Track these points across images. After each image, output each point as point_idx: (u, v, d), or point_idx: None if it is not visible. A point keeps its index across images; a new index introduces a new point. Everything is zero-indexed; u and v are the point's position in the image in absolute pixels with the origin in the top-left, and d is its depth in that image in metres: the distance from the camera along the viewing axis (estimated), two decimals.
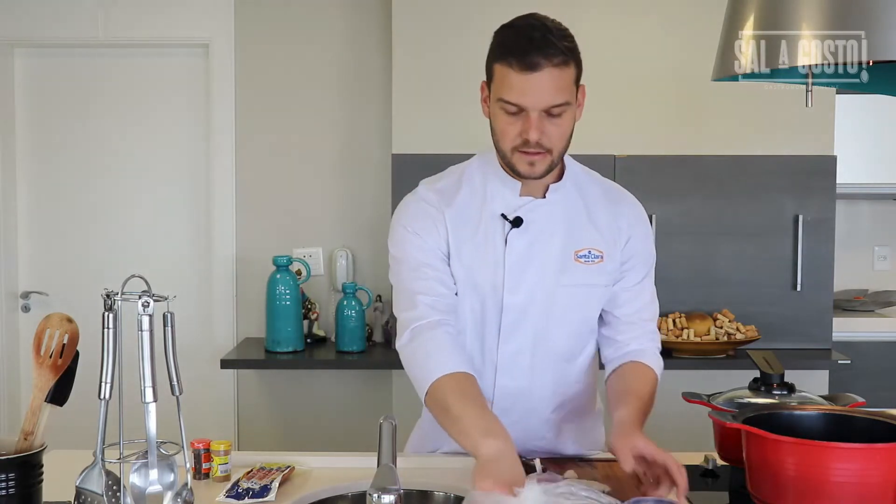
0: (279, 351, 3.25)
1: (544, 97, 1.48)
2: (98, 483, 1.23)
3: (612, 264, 1.67)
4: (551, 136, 1.52)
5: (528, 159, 1.54)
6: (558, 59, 1.48)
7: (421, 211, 1.64)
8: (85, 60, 3.63)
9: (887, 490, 1.29)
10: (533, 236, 1.62)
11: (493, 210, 1.63)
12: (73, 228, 3.66)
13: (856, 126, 3.56)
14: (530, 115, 1.50)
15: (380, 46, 3.51)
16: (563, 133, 1.54)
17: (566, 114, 1.52)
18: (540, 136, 1.51)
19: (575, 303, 1.66)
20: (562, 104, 1.50)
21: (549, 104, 1.49)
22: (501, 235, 1.62)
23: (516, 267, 1.62)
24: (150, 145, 3.64)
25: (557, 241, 1.63)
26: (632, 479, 1.48)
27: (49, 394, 1.34)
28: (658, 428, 3.01)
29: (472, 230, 1.62)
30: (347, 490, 1.54)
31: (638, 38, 3.19)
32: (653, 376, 1.70)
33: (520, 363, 1.66)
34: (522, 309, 1.63)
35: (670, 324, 3.10)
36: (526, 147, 1.52)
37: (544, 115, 1.50)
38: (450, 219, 1.62)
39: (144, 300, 1.16)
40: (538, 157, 1.54)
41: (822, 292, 3.20)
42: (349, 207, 3.58)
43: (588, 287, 1.66)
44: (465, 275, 1.62)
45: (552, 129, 1.52)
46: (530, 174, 1.56)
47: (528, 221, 1.61)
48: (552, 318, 1.65)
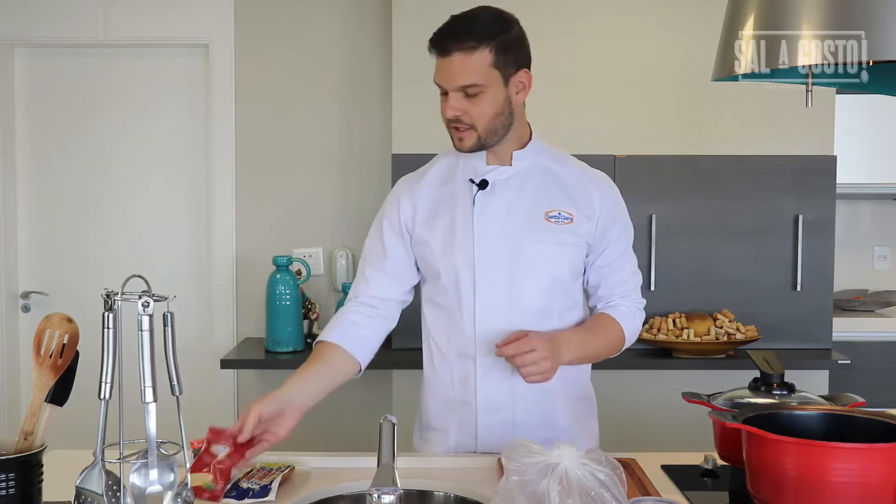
0: (279, 351, 3.25)
1: (454, 78, 1.66)
2: (98, 483, 1.23)
3: (581, 227, 1.77)
4: (471, 113, 1.68)
5: (458, 135, 1.72)
6: (468, 45, 1.64)
7: (390, 200, 1.86)
8: (85, 60, 3.63)
9: (887, 490, 1.29)
10: (500, 197, 1.76)
11: (462, 177, 1.79)
12: (73, 228, 3.66)
13: (856, 126, 3.56)
14: (449, 94, 1.68)
15: (380, 46, 3.51)
16: (482, 111, 1.68)
17: (484, 94, 1.67)
18: (456, 113, 1.68)
19: (544, 258, 1.76)
20: (472, 85, 1.65)
21: (460, 84, 1.66)
22: (470, 198, 1.77)
23: (485, 226, 1.74)
24: (150, 145, 3.64)
25: (525, 202, 1.76)
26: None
27: (49, 394, 1.34)
28: (658, 428, 3.03)
29: (442, 199, 1.79)
30: (347, 490, 1.54)
31: (638, 38, 3.19)
32: (618, 328, 1.82)
33: (493, 312, 1.74)
34: (492, 259, 1.74)
35: (670, 324, 3.10)
36: (453, 123, 1.71)
37: (462, 95, 1.67)
38: (417, 193, 1.82)
39: (144, 300, 1.16)
40: (464, 132, 1.71)
41: (822, 292, 3.20)
42: (349, 207, 3.58)
43: (557, 245, 1.76)
44: (440, 238, 1.77)
45: (471, 107, 1.68)
46: (460, 148, 1.74)
47: (494, 183, 1.76)
48: (521, 271, 1.75)
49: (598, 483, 1.26)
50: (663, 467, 1.66)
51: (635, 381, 3.11)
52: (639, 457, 1.70)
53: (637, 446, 1.84)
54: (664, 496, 1.47)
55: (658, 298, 3.13)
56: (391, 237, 1.83)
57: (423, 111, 3.16)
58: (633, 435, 2.86)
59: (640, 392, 3.07)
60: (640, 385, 3.08)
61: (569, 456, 1.28)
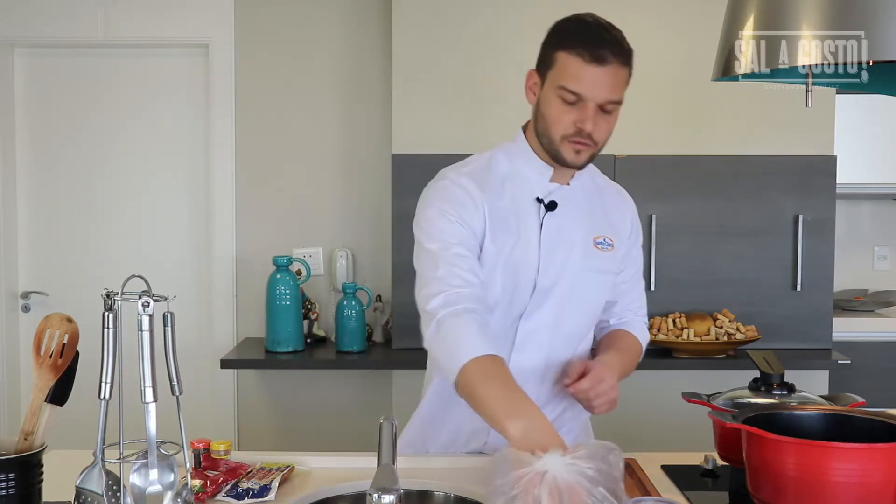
0: (279, 351, 3.25)
1: (605, 91, 1.56)
2: (98, 483, 1.23)
3: (619, 252, 1.75)
4: (601, 130, 1.59)
5: (576, 148, 1.60)
6: (623, 59, 1.57)
7: (459, 195, 1.64)
8: (85, 60, 3.63)
9: (887, 490, 1.29)
10: (562, 221, 1.68)
11: (525, 193, 1.68)
12: (73, 228, 3.66)
13: (856, 126, 3.56)
14: (588, 105, 1.56)
15: (380, 46, 3.51)
16: (610, 129, 1.62)
17: (616, 111, 1.60)
18: (594, 128, 1.57)
19: (592, 287, 1.73)
20: (616, 101, 1.58)
21: (608, 99, 1.56)
22: (536, 218, 1.67)
23: (549, 249, 1.67)
24: (150, 145, 3.64)
25: (582, 226, 1.70)
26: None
27: (49, 394, 1.34)
28: (658, 428, 3.03)
29: (507, 213, 1.66)
30: (347, 490, 1.54)
31: (638, 38, 3.15)
32: (638, 345, 1.82)
33: (537, 341, 1.69)
34: (549, 290, 1.67)
35: (670, 324, 3.10)
36: (578, 136, 1.59)
37: (598, 108, 1.57)
38: (486, 202, 1.65)
39: (144, 300, 1.16)
40: (585, 147, 1.61)
41: (822, 292, 3.20)
42: (349, 207, 3.58)
43: (603, 273, 1.73)
44: (499, 256, 1.64)
45: (603, 123, 1.59)
46: (575, 162, 1.63)
47: (559, 206, 1.68)
48: (571, 301, 1.70)
49: (589, 481, 1.25)
50: (663, 467, 1.66)
51: (635, 381, 3.08)
52: (639, 457, 1.70)
53: (637, 446, 1.83)
54: (664, 496, 1.47)
55: (658, 298, 3.13)
56: (472, 237, 1.63)
57: (423, 111, 3.18)
58: (633, 435, 2.85)
59: (640, 392, 3.06)
60: (640, 385, 3.07)
61: (555, 462, 1.26)
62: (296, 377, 3.53)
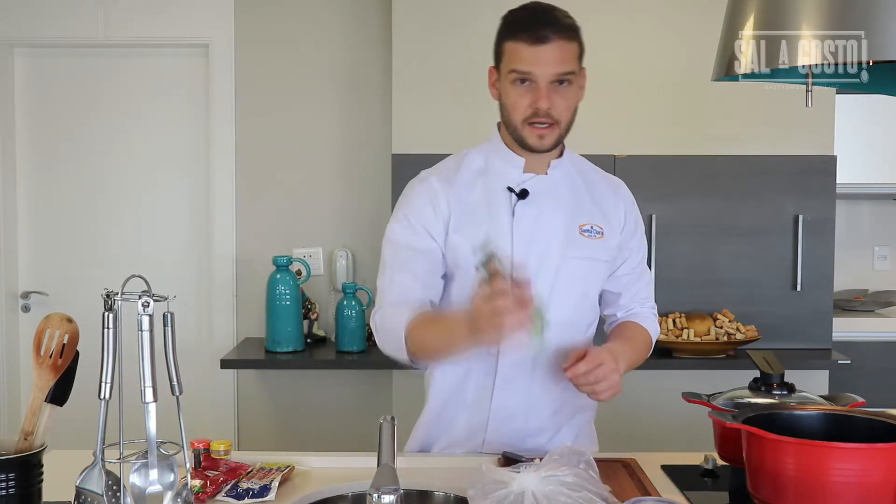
0: (279, 351, 3.25)
1: (552, 66, 1.60)
2: (98, 483, 1.23)
3: (611, 241, 1.75)
4: (559, 107, 1.62)
5: (538, 132, 1.64)
6: (565, 33, 1.61)
7: (422, 195, 1.71)
8: (85, 60, 3.63)
9: (887, 490, 1.29)
10: (538, 209, 1.69)
11: (497, 185, 1.70)
12: (72, 228, 3.66)
13: (856, 126, 3.56)
14: (540, 85, 1.60)
15: (380, 46, 3.51)
16: (569, 105, 1.64)
17: (572, 85, 1.64)
18: (549, 105, 1.61)
19: (579, 275, 1.72)
20: (568, 73, 1.61)
21: (557, 72, 1.60)
22: (508, 208, 1.69)
23: (524, 238, 1.68)
24: (150, 145, 3.64)
25: (562, 214, 1.71)
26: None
27: (49, 394, 1.34)
28: (658, 428, 3.03)
29: (477, 205, 1.69)
30: (347, 490, 1.54)
31: (638, 38, 3.19)
32: (647, 335, 1.84)
33: None
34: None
35: (670, 324, 3.10)
36: (536, 118, 1.62)
37: (552, 86, 1.61)
38: (453, 197, 1.69)
39: (144, 300, 1.16)
40: (547, 129, 1.64)
41: (822, 292, 3.20)
42: (349, 207, 3.58)
43: (591, 261, 1.73)
44: (471, 248, 1.64)
45: (559, 100, 1.62)
46: (539, 147, 1.66)
47: (533, 194, 1.69)
48: (556, 290, 1.70)
49: (569, 488, 1.25)
50: (663, 467, 1.66)
51: (635, 381, 3.09)
52: (639, 457, 1.70)
53: (637, 446, 1.83)
54: (664, 496, 1.47)
55: (658, 298, 3.08)
56: (424, 239, 1.69)
57: (423, 111, 3.18)
58: (633, 435, 2.86)
59: (640, 392, 3.06)
60: (640, 385, 3.07)
61: (530, 480, 1.26)
62: (296, 377, 3.53)
